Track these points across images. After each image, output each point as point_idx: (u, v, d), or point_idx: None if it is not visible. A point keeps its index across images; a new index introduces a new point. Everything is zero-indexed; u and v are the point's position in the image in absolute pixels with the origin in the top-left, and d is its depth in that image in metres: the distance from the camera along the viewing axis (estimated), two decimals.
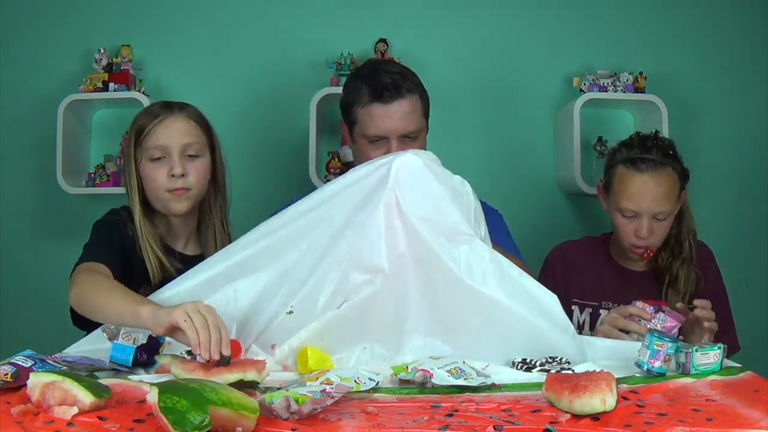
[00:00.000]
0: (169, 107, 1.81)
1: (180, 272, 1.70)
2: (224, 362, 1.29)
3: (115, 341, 1.37)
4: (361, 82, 1.93)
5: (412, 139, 1.93)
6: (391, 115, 1.89)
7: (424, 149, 1.93)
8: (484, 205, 1.98)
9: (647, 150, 1.95)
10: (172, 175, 1.75)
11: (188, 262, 1.75)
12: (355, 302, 1.44)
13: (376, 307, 1.45)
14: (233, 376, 1.23)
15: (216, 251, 1.78)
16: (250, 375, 1.25)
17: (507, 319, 1.44)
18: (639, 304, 1.68)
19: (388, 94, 1.89)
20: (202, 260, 1.73)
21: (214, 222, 1.87)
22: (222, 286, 1.51)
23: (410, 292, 1.46)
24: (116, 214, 1.80)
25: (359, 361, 1.43)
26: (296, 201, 1.59)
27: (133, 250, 1.74)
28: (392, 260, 1.44)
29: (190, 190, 1.77)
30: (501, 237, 1.95)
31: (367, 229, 1.44)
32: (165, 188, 1.76)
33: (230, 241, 1.85)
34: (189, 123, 1.79)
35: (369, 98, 1.90)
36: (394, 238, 1.44)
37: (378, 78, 1.91)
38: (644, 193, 1.92)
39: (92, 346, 1.51)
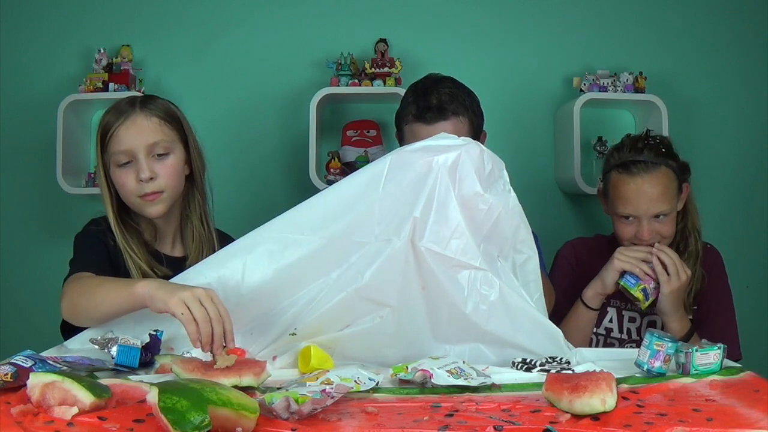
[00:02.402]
0: (131, 104, 1.70)
1: (168, 277, 1.64)
2: (228, 361, 1.29)
3: (119, 344, 1.37)
4: (412, 98, 1.93)
5: None
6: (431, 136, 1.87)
7: None
8: None
9: (638, 152, 1.93)
10: (141, 180, 1.66)
11: (174, 264, 1.73)
12: (358, 330, 1.44)
13: (378, 339, 1.45)
14: (228, 380, 1.22)
15: (195, 250, 1.76)
16: (246, 380, 1.24)
17: (511, 353, 1.44)
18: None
19: (430, 115, 1.88)
20: (186, 262, 1.72)
21: (192, 220, 1.78)
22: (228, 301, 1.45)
23: (416, 327, 1.45)
24: (97, 225, 1.73)
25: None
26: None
27: (119, 258, 1.68)
28: (403, 296, 1.43)
29: (162, 192, 1.69)
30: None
31: (384, 265, 1.42)
32: (136, 194, 1.67)
33: (212, 238, 1.79)
34: (151, 121, 1.69)
35: (413, 117, 1.90)
36: (409, 273, 1.42)
37: (426, 97, 1.90)
38: (639, 197, 1.90)
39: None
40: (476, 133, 1.94)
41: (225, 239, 1.87)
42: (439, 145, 1.48)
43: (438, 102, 1.88)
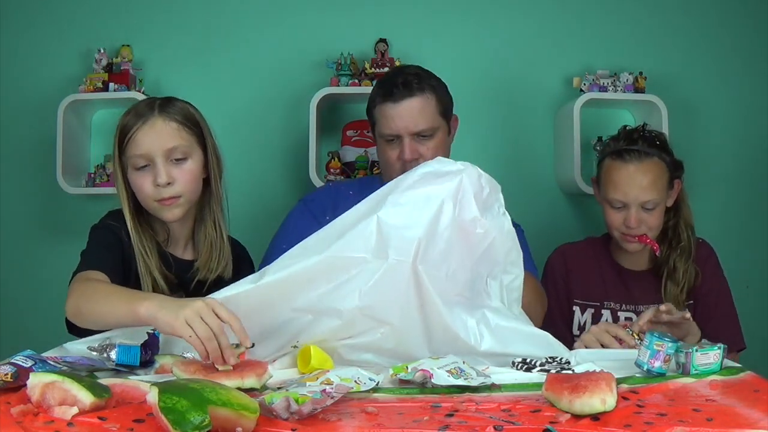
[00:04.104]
0: (150, 107, 1.70)
1: (174, 283, 1.67)
2: (226, 366, 1.30)
3: (119, 345, 1.37)
4: (379, 84, 2.02)
5: (427, 137, 1.97)
6: (401, 113, 1.94)
7: (442, 148, 1.99)
8: None
9: (633, 142, 1.98)
10: (158, 185, 1.66)
11: (184, 267, 1.75)
12: (356, 342, 1.45)
13: (376, 351, 1.45)
14: (231, 382, 1.22)
15: (206, 253, 1.76)
16: (249, 382, 1.25)
17: (508, 361, 1.45)
18: (627, 330, 1.63)
19: (397, 92, 1.94)
20: (195, 264, 1.74)
21: (206, 224, 1.78)
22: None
23: (413, 345, 1.46)
24: (115, 219, 1.72)
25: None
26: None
27: (131, 256, 1.68)
28: (403, 315, 1.44)
29: (179, 197, 1.68)
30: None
31: (385, 283, 1.42)
32: (153, 198, 1.67)
33: (224, 243, 1.79)
34: (170, 125, 1.68)
35: (381, 98, 1.97)
36: (409, 293, 1.43)
37: (392, 79, 1.98)
38: (630, 183, 1.95)
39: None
40: (444, 112, 2.00)
41: (234, 246, 1.87)
42: (440, 170, 1.51)
43: (404, 80, 1.96)
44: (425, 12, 2.72)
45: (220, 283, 1.74)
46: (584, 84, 2.59)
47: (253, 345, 1.38)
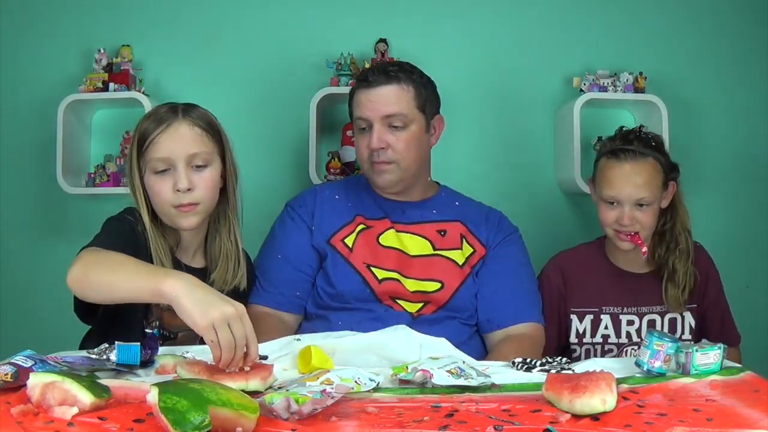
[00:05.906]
0: (174, 111, 1.68)
1: None
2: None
3: (118, 345, 1.36)
4: (358, 75, 2.01)
5: (399, 128, 1.91)
6: (371, 98, 1.91)
7: (415, 143, 1.93)
8: (504, 221, 2.01)
9: (628, 142, 2.01)
10: (178, 190, 1.63)
11: (193, 275, 1.73)
12: (362, 337, 1.47)
13: (375, 348, 1.46)
14: (236, 384, 1.22)
15: (222, 263, 1.75)
16: (252, 384, 1.24)
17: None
18: None
19: (373, 78, 1.91)
20: (207, 273, 1.73)
21: (221, 234, 1.76)
22: None
23: (407, 343, 1.48)
24: (132, 215, 1.69)
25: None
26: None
27: (145, 253, 1.65)
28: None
29: (197, 204, 1.66)
30: (518, 260, 1.99)
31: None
32: (171, 204, 1.64)
33: (239, 254, 1.78)
34: (194, 130, 1.66)
35: (358, 85, 1.95)
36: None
37: (372, 68, 1.98)
38: (624, 181, 1.97)
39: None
40: (422, 106, 1.95)
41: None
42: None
43: (383, 69, 1.93)
44: (425, 12, 2.72)
45: (235, 294, 1.72)
46: (584, 84, 2.58)
47: (266, 357, 1.38)
